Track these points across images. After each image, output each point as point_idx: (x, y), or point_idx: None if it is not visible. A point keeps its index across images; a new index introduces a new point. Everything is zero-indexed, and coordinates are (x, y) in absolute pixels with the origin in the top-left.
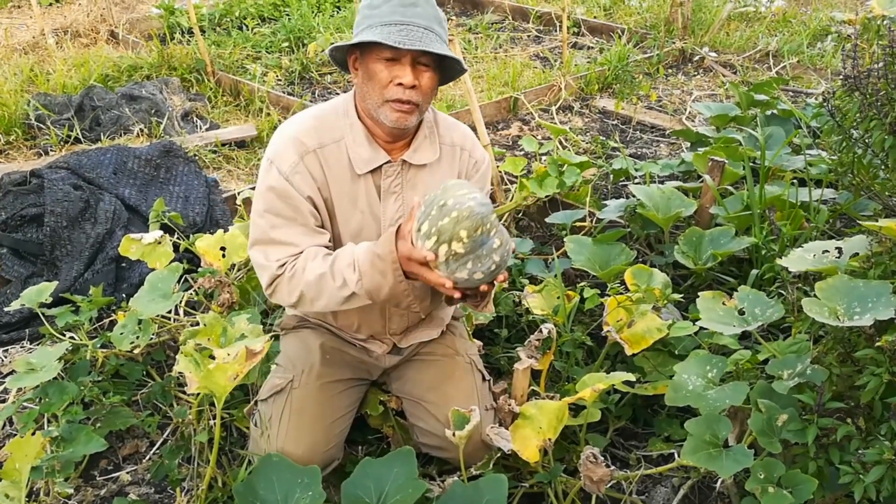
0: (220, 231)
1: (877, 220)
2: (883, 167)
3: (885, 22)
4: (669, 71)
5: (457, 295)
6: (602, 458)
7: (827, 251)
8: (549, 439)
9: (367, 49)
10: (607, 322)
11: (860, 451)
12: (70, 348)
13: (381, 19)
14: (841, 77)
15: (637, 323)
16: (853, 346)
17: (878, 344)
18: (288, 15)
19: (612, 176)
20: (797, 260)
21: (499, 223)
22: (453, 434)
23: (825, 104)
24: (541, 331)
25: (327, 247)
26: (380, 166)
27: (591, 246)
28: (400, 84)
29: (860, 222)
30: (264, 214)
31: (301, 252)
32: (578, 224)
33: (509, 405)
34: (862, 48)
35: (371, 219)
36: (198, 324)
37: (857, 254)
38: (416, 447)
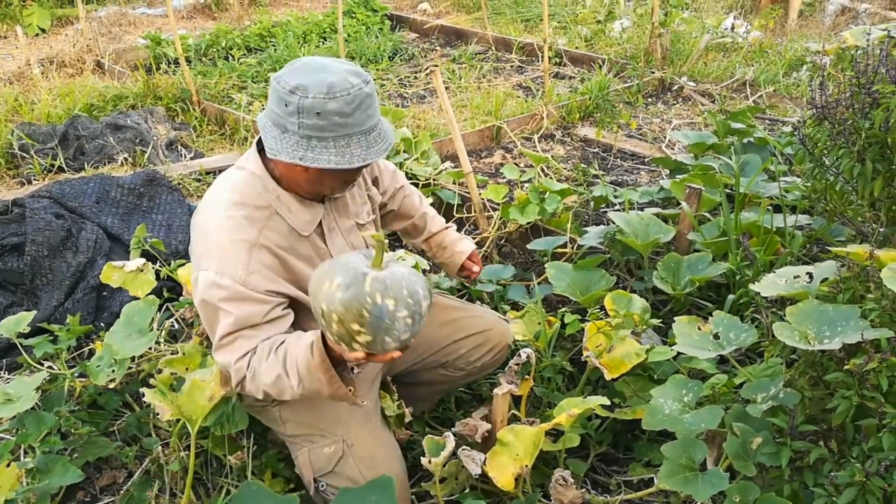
0: None
1: (846, 246)
2: (854, 193)
3: (857, 52)
4: (649, 100)
5: (398, 354)
6: (572, 481)
7: (798, 276)
8: (526, 466)
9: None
10: (587, 347)
11: (833, 474)
12: (48, 378)
13: (338, 132)
14: (811, 106)
15: (616, 348)
16: (824, 369)
17: (846, 367)
18: (274, 45)
19: (592, 203)
20: (770, 285)
21: (381, 277)
22: (429, 461)
23: (796, 133)
24: (519, 355)
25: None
26: None
27: (571, 272)
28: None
29: (831, 248)
30: (224, 324)
31: (261, 343)
32: (559, 250)
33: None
34: (836, 78)
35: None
36: (176, 353)
37: (827, 279)
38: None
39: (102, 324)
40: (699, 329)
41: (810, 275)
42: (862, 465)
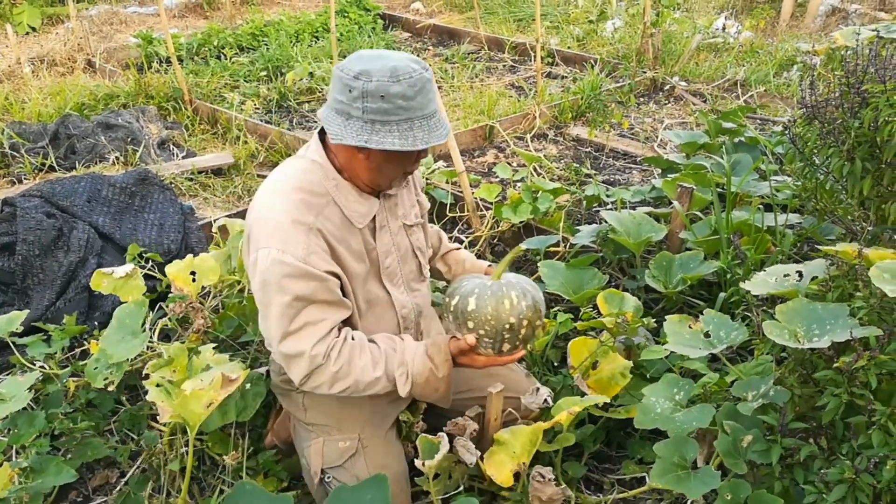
0: (190, 256)
1: (835, 245)
2: (843, 192)
3: (847, 52)
4: (641, 100)
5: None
6: (551, 477)
7: (788, 275)
8: (524, 463)
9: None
10: (573, 367)
11: (823, 471)
12: (40, 378)
13: (401, 115)
14: (801, 106)
15: (601, 365)
16: (814, 367)
17: (836, 365)
18: (266, 44)
19: (584, 202)
20: (760, 284)
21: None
22: (423, 464)
23: (786, 132)
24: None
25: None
26: None
27: (564, 271)
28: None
29: (820, 247)
30: (290, 305)
31: (331, 330)
32: (552, 249)
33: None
34: (827, 78)
35: (369, 261)
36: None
37: (817, 277)
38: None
39: (95, 323)
40: (690, 328)
41: (800, 273)
42: (851, 463)
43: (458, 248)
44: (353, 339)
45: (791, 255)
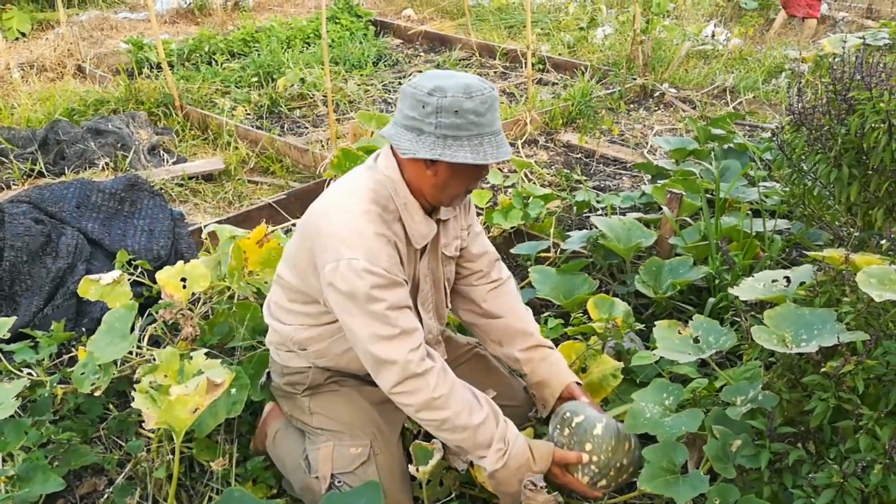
0: (181, 262)
1: (823, 250)
2: (831, 198)
3: (834, 60)
4: (631, 106)
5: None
6: (543, 485)
7: (776, 280)
8: None
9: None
10: None
11: (811, 475)
12: (28, 385)
13: (473, 131)
14: (789, 113)
15: (591, 368)
16: (802, 372)
17: (823, 370)
18: (257, 50)
19: (575, 208)
20: (748, 289)
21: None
22: (416, 469)
23: (774, 138)
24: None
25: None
26: None
27: (554, 276)
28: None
29: (808, 252)
30: (384, 313)
31: (423, 344)
32: (543, 255)
33: None
34: (814, 85)
35: (411, 283)
36: (153, 360)
37: (805, 283)
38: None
39: (83, 329)
40: (679, 333)
41: (788, 279)
42: (839, 467)
43: (551, 349)
44: (447, 370)
45: (779, 261)
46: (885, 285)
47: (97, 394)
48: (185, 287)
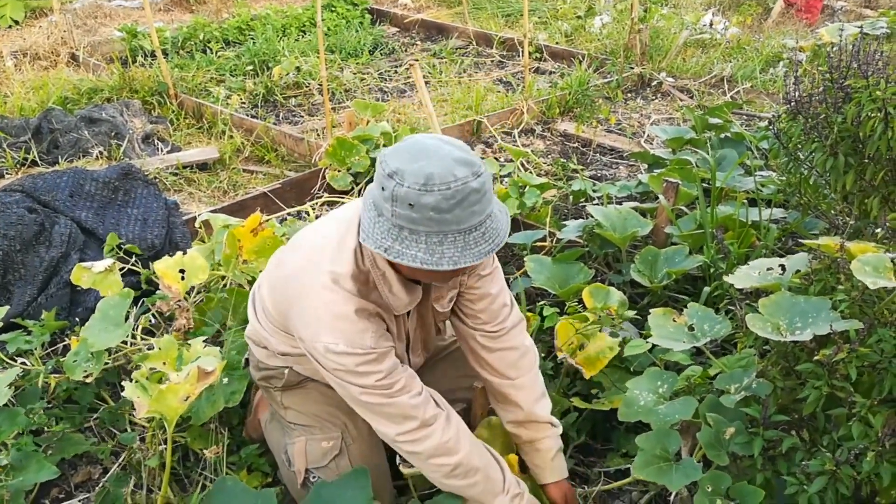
0: (179, 253)
1: (818, 239)
2: (827, 187)
3: (832, 49)
4: (628, 95)
5: None
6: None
7: (771, 268)
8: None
9: None
10: (560, 349)
11: (804, 462)
12: (21, 374)
13: (431, 227)
14: (786, 101)
15: (588, 345)
16: (796, 359)
17: (816, 358)
18: (253, 39)
19: (571, 197)
20: (743, 277)
21: None
22: (400, 463)
23: (771, 127)
24: None
25: None
26: None
27: (550, 265)
28: None
29: (804, 241)
30: (378, 383)
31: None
32: (539, 244)
33: None
34: (812, 74)
35: (396, 338)
36: (153, 348)
37: (799, 271)
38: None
39: (77, 319)
40: (674, 321)
41: (783, 267)
42: (832, 454)
43: (547, 436)
44: (452, 413)
45: (775, 250)
46: (880, 273)
47: (89, 381)
48: (183, 279)
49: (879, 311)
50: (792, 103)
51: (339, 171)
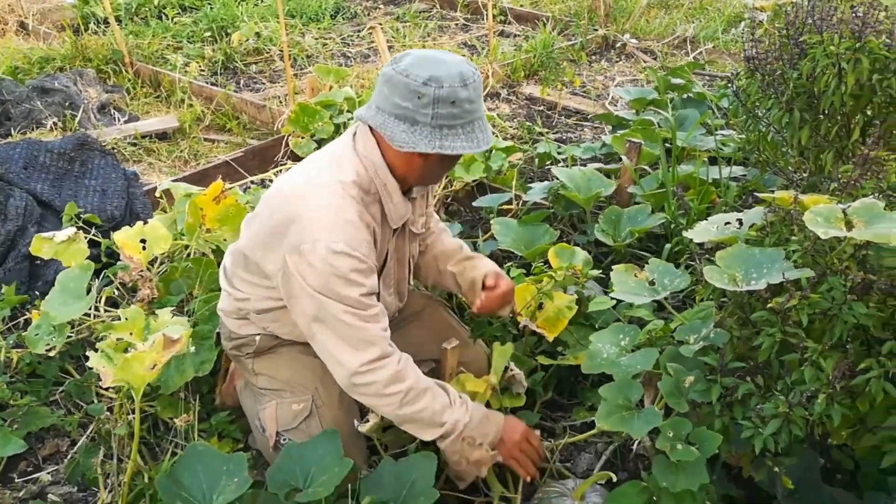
0: (140, 223)
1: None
2: (784, 143)
3: (791, 7)
4: (593, 57)
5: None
6: (481, 441)
7: (729, 223)
8: None
9: None
10: (519, 312)
11: (759, 407)
12: None
13: (466, 118)
14: (744, 59)
15: (546, 305)
16: (752, 309)
17: (770, 306)
18: (210, 4)
19: (537, 160)
20: (702, 232)
21: None
22: (365, 420)
23: (730, 86)
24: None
25: None
26: None
27: (516, 227)
28: None
29: (760, 194)
30: (360, 299)
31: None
32: (505, 207)
33: None
34: (772, 33)
35: (379, 261)
36: (118, 319)
37: (755, 224)
38: None
39: (37, 293)
40: (636, 276)
41: (740, 221)
42: (785, 398)
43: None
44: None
45: (735, 207)
46: (831, 223)
47: (52, 354)
48: (144, 249)
49: (830, 260)
50: (750, 61)
51: (302, 137)
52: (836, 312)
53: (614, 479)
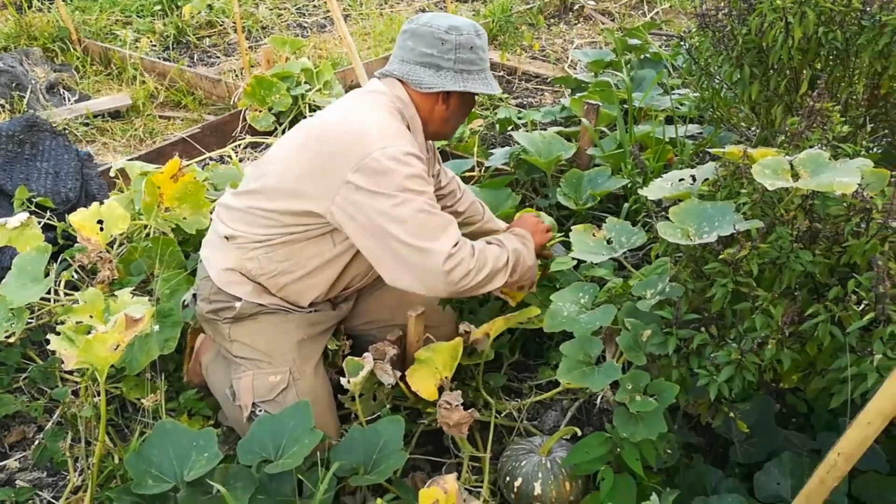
0: (96, 204)
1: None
2: (736, 99)
3: None
4: (551, 21)
5: None
6: (458, 403)
7: (682, 179)
8: (446, 377)
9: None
10: None
11: (713, 355)
12: None
13: (480, 66)
14: (696, 16)
15: None
16: (705, 262)
17: (721, 257)
18: None
19: (497, 126)
20: (656, 189)
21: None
22: (348, 381)
23: (682, 43)
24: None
25: None
26: None
27: (479, 193)
28: None
29: (712, 150)
30: (428, 201)
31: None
32: (468, 174)
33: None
34: None
35: None
36: (77, 302)
37: (708, 179)
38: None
39: None
40: (594, 236)
41: (693, 177)
42: (738, 345)
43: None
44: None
45: (691, 164)
46: (778, 174)
47: (12, 340)
48: (102, 230)
49: (778, 210)
50: (701, 18)
51: (259, 111)
52: (784, 261)
53: (579, 433)
